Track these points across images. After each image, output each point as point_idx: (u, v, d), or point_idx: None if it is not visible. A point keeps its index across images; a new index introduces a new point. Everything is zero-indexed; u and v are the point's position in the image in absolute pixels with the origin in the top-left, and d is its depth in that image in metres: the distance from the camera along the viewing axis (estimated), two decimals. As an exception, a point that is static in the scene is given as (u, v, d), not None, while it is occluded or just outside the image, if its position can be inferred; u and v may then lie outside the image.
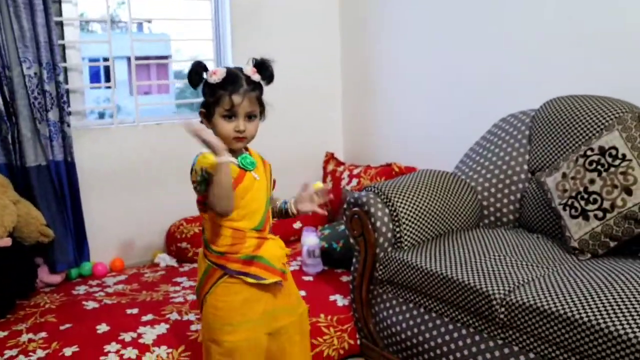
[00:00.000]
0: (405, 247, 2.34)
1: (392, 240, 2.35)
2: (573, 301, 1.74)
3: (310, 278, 2.87)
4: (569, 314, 1.71)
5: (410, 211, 2.37)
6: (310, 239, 2.93)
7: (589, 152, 2.20)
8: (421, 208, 2.40)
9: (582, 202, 2.15)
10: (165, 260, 3.25)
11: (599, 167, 2.14)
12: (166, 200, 3.39)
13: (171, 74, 11.11)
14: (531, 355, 1.84)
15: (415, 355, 2.24)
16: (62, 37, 3.09)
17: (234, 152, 1.75)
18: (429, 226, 2.40)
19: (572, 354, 1.73)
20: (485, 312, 1.95)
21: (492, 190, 2.61)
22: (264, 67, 1.76)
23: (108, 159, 3.20)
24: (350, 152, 4.04)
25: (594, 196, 2.12)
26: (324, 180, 3.86)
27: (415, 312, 2.25)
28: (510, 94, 2.95)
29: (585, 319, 1.67)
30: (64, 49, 3.06)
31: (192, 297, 2.73)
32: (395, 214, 2.35)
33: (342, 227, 3.09)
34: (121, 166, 3.25)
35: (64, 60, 3.08)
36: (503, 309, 1.89)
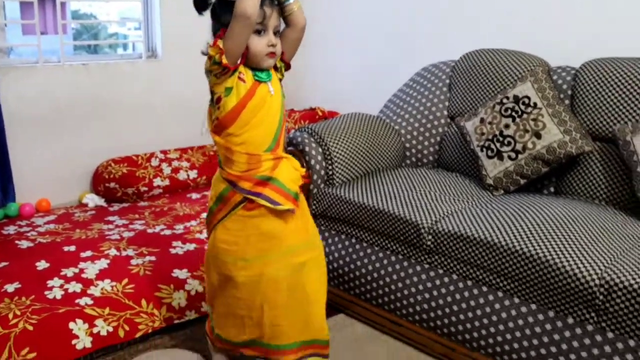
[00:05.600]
0: (337, 184, 2.51)
1: (325, 178, 2.52)
2: (492, 228, 2.00)
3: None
4: (489, 239, 1.96)
5: (342, 150, 2.54)
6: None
7: (504, 100, 2.44)
8: (351, 148, 2.57)
9: (498, 144, 2.40)
10: (93, 200, 3.25)
11: (513, 113, 2.40)
12: (92, 141, 3.36)
13: (69, 13, 10.58)
14: (454, 276, 2.10)
15: (347, 282, 2.45)
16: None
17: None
18: (358, 164, 2.59)
19: (490, 273, 1.99)
20: (413, 240, 2.17)
21: (414, 133, 2.83)
22: None
23: (33, 98, 3.13)
24: (273, 97, 4.11)
25: (508, 139, 2.38)
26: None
27: (347, 243, 2.45)
28: (429, 45, 3.15)
29: (503, 243, 1.93)
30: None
31: (127, 234, 2.78)
32: (328, 152, 2.51)
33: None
34: (47, 106, 3.18)
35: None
36: (430, 237, 2.12)
